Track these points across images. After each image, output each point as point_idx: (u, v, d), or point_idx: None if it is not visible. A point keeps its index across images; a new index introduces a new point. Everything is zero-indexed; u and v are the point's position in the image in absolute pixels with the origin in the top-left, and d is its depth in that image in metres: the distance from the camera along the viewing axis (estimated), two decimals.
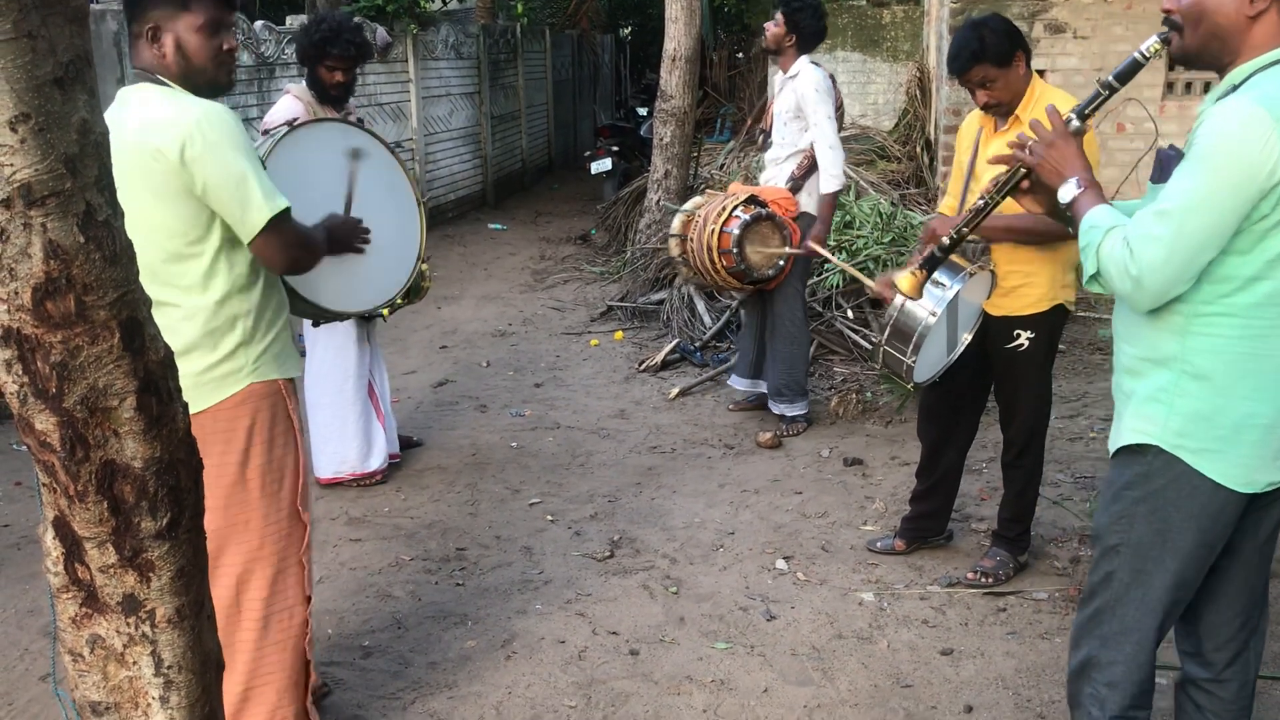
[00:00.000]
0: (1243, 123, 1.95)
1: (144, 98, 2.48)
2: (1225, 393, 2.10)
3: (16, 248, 1.79)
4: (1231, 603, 2.32)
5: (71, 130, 1.78)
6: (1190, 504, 2.16)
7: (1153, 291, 2.08)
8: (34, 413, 1.96)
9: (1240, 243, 2.02)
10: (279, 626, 2.74)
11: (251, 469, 2.64)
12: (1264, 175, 1.94)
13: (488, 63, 13.33)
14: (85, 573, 2.15)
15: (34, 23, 1.67)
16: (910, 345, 3.38)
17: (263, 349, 2.63)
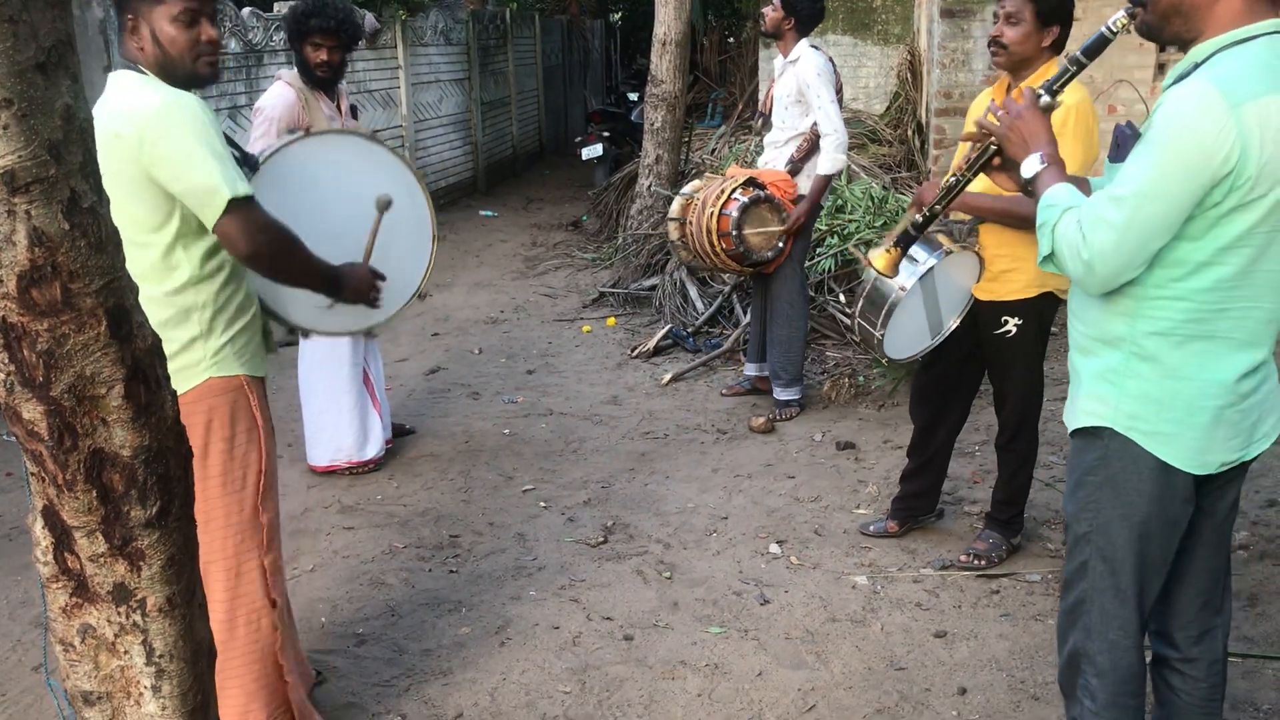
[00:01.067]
0: (1198, 109, 1.92)
1: (121, 85, 2.46)
2: (1174, 375, 2.10)
3: (1, 235, 1.77)
4: (1193, 582, 2.32)
5: (55, 116, 1.76)
6: (1150, 486, 2.16)
7: (1104, 276, 2.08)
8: (21, 401, 1.95)
9: (1192, 229, 2.00)
10: (243, 628, 2.68)
11: (211, 466, 2.58)
12: (1217, 162, 1.91)
13: (477, 49, 13.28)
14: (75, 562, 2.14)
15: (15, 7, 1.65)
16: (879, 317, 3.38)
17: (222, 343, 2.56)
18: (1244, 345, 2.08)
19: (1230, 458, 2.15)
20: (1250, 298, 2.04)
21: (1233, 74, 1.93)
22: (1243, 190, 1.94)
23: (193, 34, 2.47)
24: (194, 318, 2.53)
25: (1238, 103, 1.89)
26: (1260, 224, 1.97)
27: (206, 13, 2.50)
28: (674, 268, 7.31)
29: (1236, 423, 2.12)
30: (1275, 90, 1.92)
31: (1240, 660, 3.17)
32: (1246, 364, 2.09)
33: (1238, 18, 1.99)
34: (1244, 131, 1.89)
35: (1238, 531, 3.95)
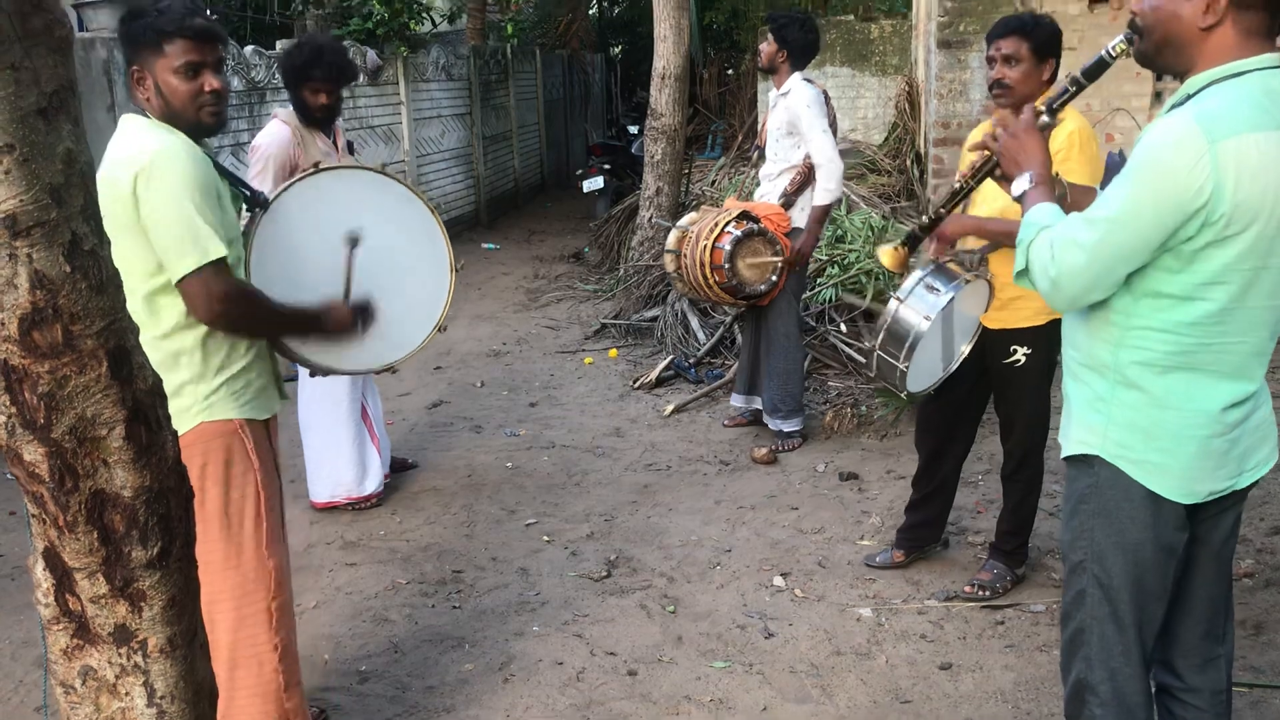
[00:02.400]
0: (1176, 142, 1.93)
1: (126, 129, 2.49)
2: (1160, 404, 2.10)
3: (2, 278, 1.79)
4: (1193, 610, 2.31)
5: (56, 160, 1.78)
6: (1141, 514, 2.16)
7: (1068, 295, 2.10)
8: (23, 443, 1.96)
9: (1170, 261, 2.01)
10: (247, 671, 2.64)
11: (208, 509, 2.55)
12: (1189, 196, 1.92)
13: (479, 84, 13.37)
14: (76, 604, 2.14)
15: (17, 55, 1.67)
16: (904, 350, 3.35)
17: (214, 387, 2.54)
18: (1229, 376, 2.08)
19: (1219, 486, 2.15)
20: (1234, 333, 2.05)
21: (1216, 110, 1.94)
22: (1217, 226, 1.94)
23: (195, 85, 2.48)
24: (183, 361, 2.51)
25: (1215, 139, 1.90)
26: (1239, 261, 1.98)
27: (209, 64, 2.51)
28: (675, 299, 7.32)
29: (1225, 452, 2.12)
30: (1257, 128, 1.92)
31: (1247, 690, 3.14)
32: (1232, 395, 2.09)
33: (1231, 52, 2.00)
34: (1219, 168, 1.90)
35: (1242, 560, 3.93)
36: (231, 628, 2.61)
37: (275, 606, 2.67)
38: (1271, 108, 1.95)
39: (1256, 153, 1.91)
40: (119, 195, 2.37)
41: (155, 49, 2.45)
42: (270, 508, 2.65)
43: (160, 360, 2.49)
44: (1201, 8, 1.98)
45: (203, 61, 2.48)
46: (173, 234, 2.37)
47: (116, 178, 2.38)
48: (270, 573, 2.65)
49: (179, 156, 2.39)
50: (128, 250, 2.42)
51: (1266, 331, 2.08)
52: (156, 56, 2.45)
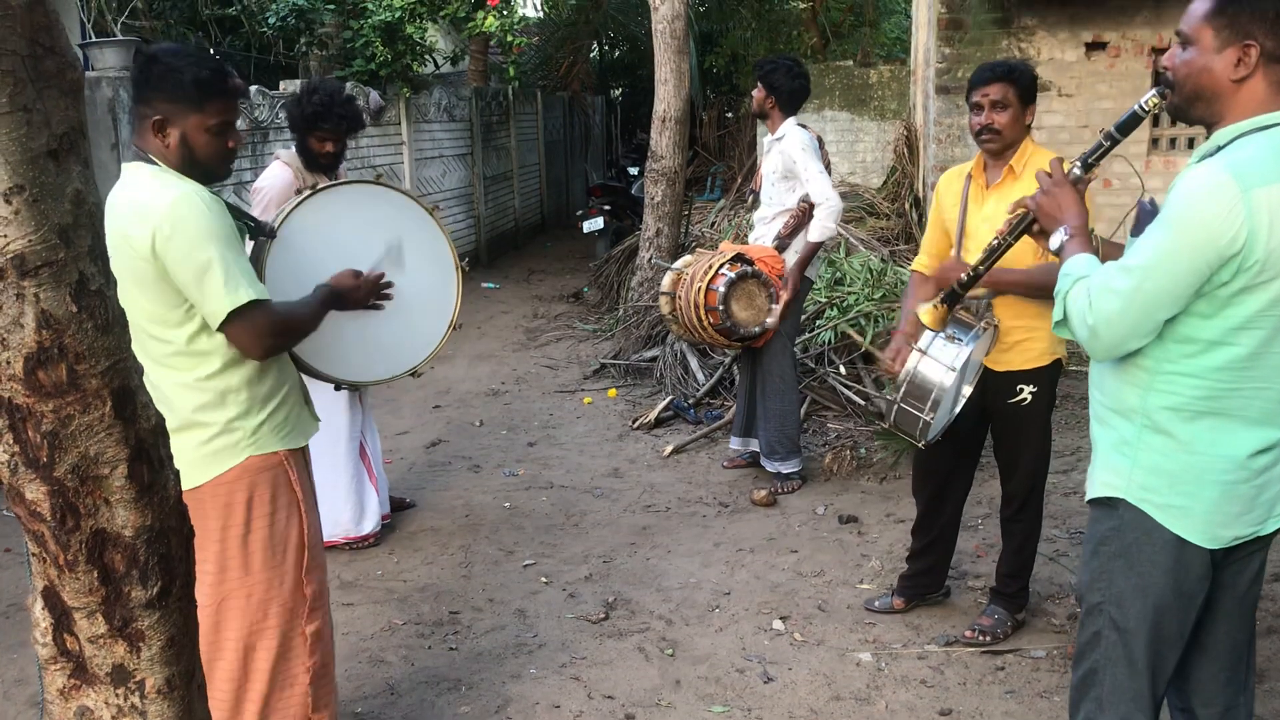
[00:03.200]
0: (1209, 190, 1.98)
1: (134, 179, 2.50)
2: (1187, 449, 2.12)
3: (9, 318, 1.79)
4: (1216, 658, 2.30)
5: (65, 201, 1.79)
6: (1163, 557, 2.17)
7: (1108, 343, 2.13)
8: (25, 482, 1.95)
9: (1203, 306, 2.05)
10: (279, 696, 2.71)
11: (253, 542, 2.61)
12: (1224, 242, 1.97)
13: (480, 124, 13.47)
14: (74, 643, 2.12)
15: (29, 96, 1.69)
16: (929, 402, 3.31)
17: (260, 421, 2.60)
18: (1257, 423, 2.11)
19: (1244, 532, 2.16)
20: (1263, 379, 2.08)
21: (1248, 159, 1.99)
22: (1251, 272, 1.98)
23: (223, 142, 2.54)
24: (230, 400, 2.56)
25: (1249, 187, 1.95)
26: (1271, 307, 2.02)
27: (234, 122, 2.57)
28: (674, 339, 7.34)
29: (1251, 498, 2.13)
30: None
31: None
32: (1260, 442, 2.11)
33: (1262, 105, 2.06)
34: (1253, 215, 1.95)
35: None
36: (273, 655, 2.66)
37: (311, 631, 2.71)
38: None
39: None
40: (137, 253, 2.39)
41: (193, 106, 2.47)
42: (312, 537, 2.71)
43: (208, 401, 2.53)
44: (1233, 61, 2.04)
45: (232, 120, 2.54)
46: (206, 283, 2.42)
47: (131, 235, 2.40)
48: (307, 599, 2.71)
49: (196, 205, 2.42)
50: (153, 302, 2.45)
51: None
52: (192, 112, 2.48)
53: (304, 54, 10.94)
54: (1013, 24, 8.10)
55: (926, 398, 3.29)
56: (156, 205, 2.40)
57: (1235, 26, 2.04)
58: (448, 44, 14.54)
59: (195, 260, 2.41)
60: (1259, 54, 2.03)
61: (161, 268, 2.42)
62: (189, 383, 2.53)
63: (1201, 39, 2.09)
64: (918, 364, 3.26)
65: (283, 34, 10.68)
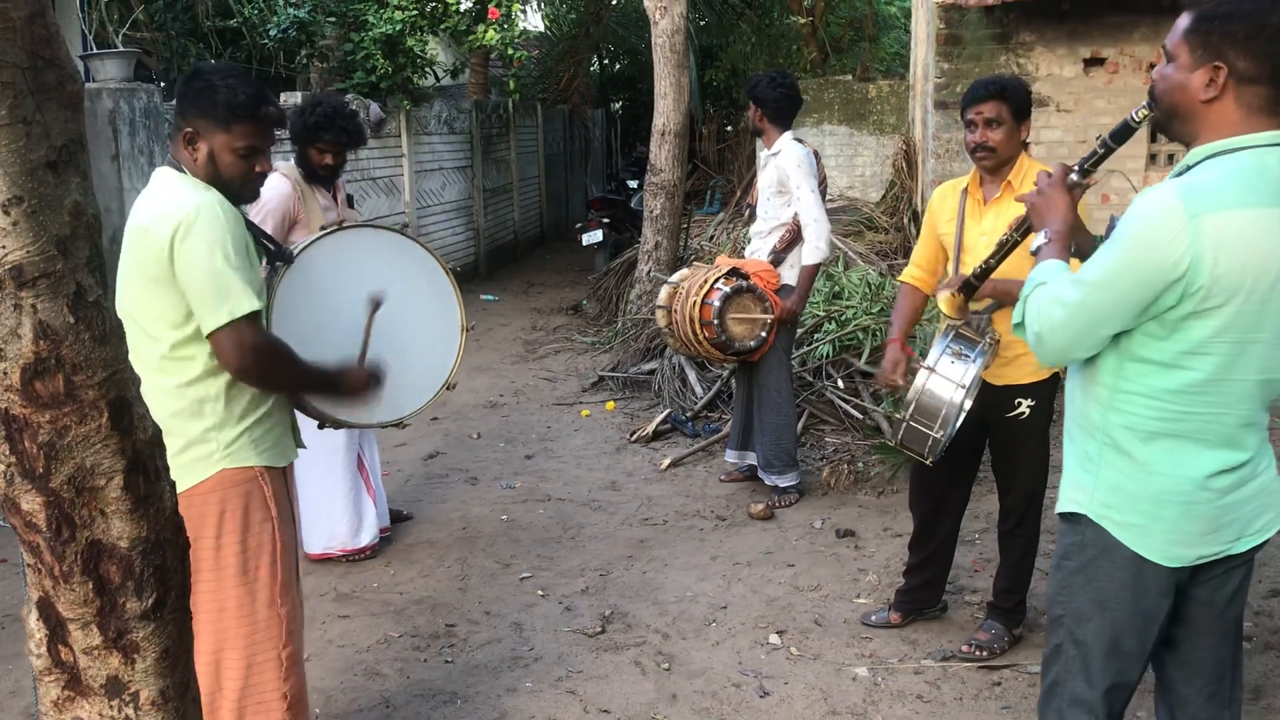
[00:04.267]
0: (1157, 212, 1.97)
1: (162, 182, 2.56)
2: (1145, 469, 2.12)
3: (6, 328, 1.80)
4: (1198, 674, 2.29)
5: (64, 212, 1.80)
6: (1123, 574, 2.18)
7: (1050, 349, 2.15)
8: (21, 493, 1.95)
9: (1155, 328, 2.05)
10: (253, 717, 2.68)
11: (224, 556, 2.59)
12: (1167, 267, 1.96)
13: (480, 137, 13.50)
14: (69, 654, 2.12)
15: (29, 109, 1.70)
16: (938, 420, 3.30)
17: (236, 434, 2.58)
18: (1217, 445, 2.10)
19: (1210, 551, 2.15)
20: (1221, 404, 2.07)
21: (1204, 184, 1.98)
22: (1196, 298, 1.97)
23: (248, 166, 2.56)
24: (207, 409, 2.55)
25: (1197, 213, 1.94)
26: (1221, 333, 2.00)
27: (265, 148, 2.58)
28: (672, 352, 7.34)
29: (1215, 518, 2.12)
30: (1242, 206, 1.96)
31: None
32: (1220, 463, 2.10)
33: (1234, 127, 2.04)
34: (1197, 241, 1.93)
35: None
36: (241, 675, 2.63)
37: (285, 655, 2.68)
38: (1260, 185, 1.98)
39: (1236, 230, 1.94)
40: (154, 248, 2.42)
41: (221, 125, 2.53)
42: (285, 555, 2.68)
43: (183, 408, 2.52)
44: (1204, 81, 2.03)
45: (262, 146, 2.55)
46: (208, 287, 2.44)
47: (152, 231, 2.44)
48: (281, 620, 2.67)
49: (218, 213, 2.45)
50: (157, 301, 2.47)
51: (1256, 404, 2.10)
52: (220, 131, 2.53)
53: (305, 66, 10.97)
54: (1011, 40, 8.13)
55: (936, 415, 3.28)
56: (179, 207, 2.44)
57: (1208, 46, 2.02)
58: (448, 57, 14.60)
59: (204, 263, 2.43)
60: (1228, 75, 2.00)
61: (172, 269, 2.44)
62: (168, 388, 2.53)
63: (1179, 56, 2.08)
64: (926, 382, 3.26)
65: (284, 46, 10.72)
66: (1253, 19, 1.97)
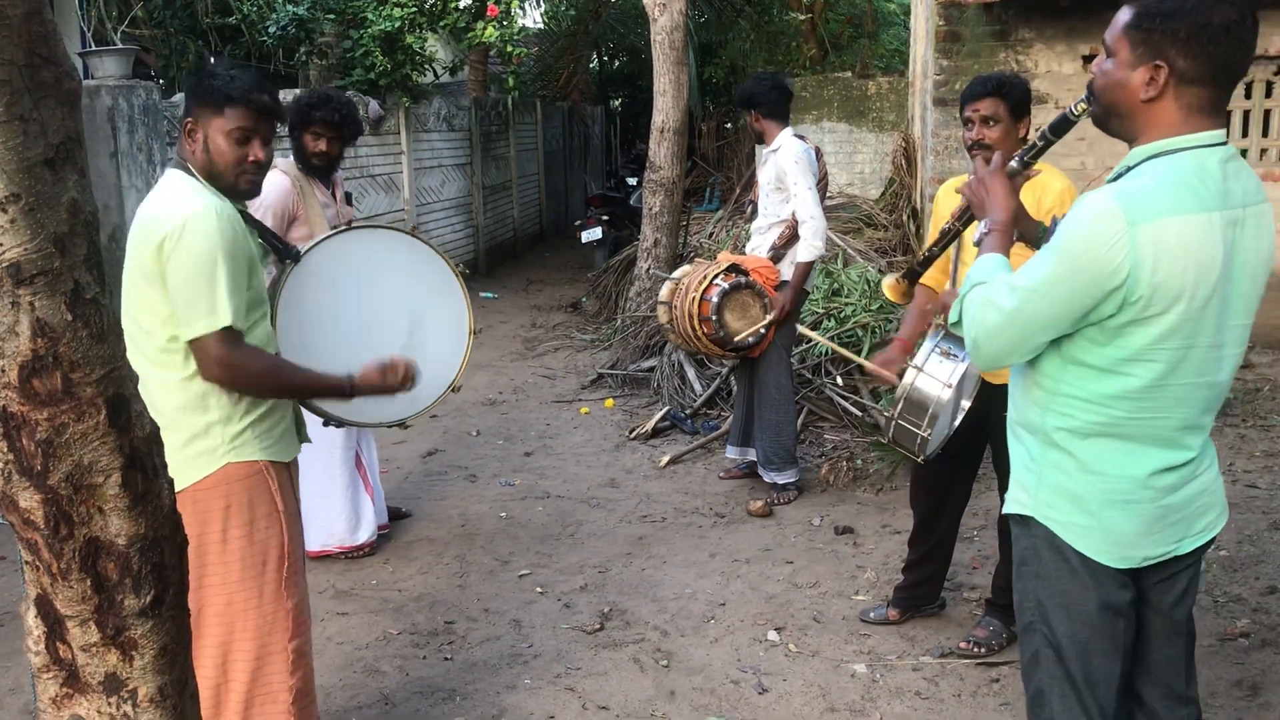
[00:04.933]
0: (1095, 220, 1.93)
1: (167, 184, 2.59)
2: (1085, 469, 2.10)
3: (4, 326, 1.80)
4: (1153, 672, 2.28)
5: (61, 210, 1.80)
6: (1080, 574, 2.15)
7: (986, 354, 2.14)
8: (18, 490, 1.96)
9: (1095, 334, 2.02)
10: (260, 711, 2.69)
11: (231, 550, 2.60)
12: (1105, 275, 1.93)
13: (479, 134, 13.50)
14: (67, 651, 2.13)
15: (26, 106, 1.70)
16: (925, 418, 3.33)
17: (241, 429, 2.59)
18: (1158, 445, 2.07)
19: (1154, 552, 2.13)
20: (1162, 409, 2.04)
21: (1142, 190, 1.94)
22: (1136, 306, 1.94)
23: (241, 152, 2.57)
24: (211, 403, 2.56)
25: (1135, 221, 1.90)
26: (1163, 340, 1.97)
27: (261, 134, 2.60)
28: (672, 349, 7.34)
29: (1158, 518, 2.10)
30: (1180, 211, 1.92)
31: None
32: (1161, 462, 2.08)
33: (1173, 127, 1.99)
34: (1136, 251, 1.90)
35: (1238, 620, 3.92)
36: (249, 668, 2.64)
37: (292, 648, 2.69)
38: (1200, 189, 1.95)
39: (1175, 237, 1.91)
40: (149, 247, 2.46)
41: (215, 109, 2.55)
42: (292, 549, 2.68)
43: (187, 402, 2.53)
44: (1144, 79, 1.98)
45: (255, 130, 2.56)
46: (188, 297, 2.46)
47: (149, 231, 2.49)
48: (289, 614, 2.68)
49: (210, 221, 2.45)
50: (155, 298, 2.49)
51: (1198, 407, 2.07)
52: (214, 116, 2.55)
53: (304, 63, 10.97)
54: (1010, 37, 8.13)
55: (924, 414, 3.30)
56: (175, 211, 2.46)
57: (1149, 44, 1.96)
58: (447, 54, 14.60)
59: (188, 272, 2.45)
60: (1168, 75, 1.95)
61: (164, 270, 2.46)
62: (173, 382, 2.54)
63: (1119, 52, 2.02)
64: (914, 380, 3.27)
65: (283, 43, 10.71)
66: (1195, 18, 1.92)
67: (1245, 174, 2.04)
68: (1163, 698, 2.29)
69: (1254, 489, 5.23)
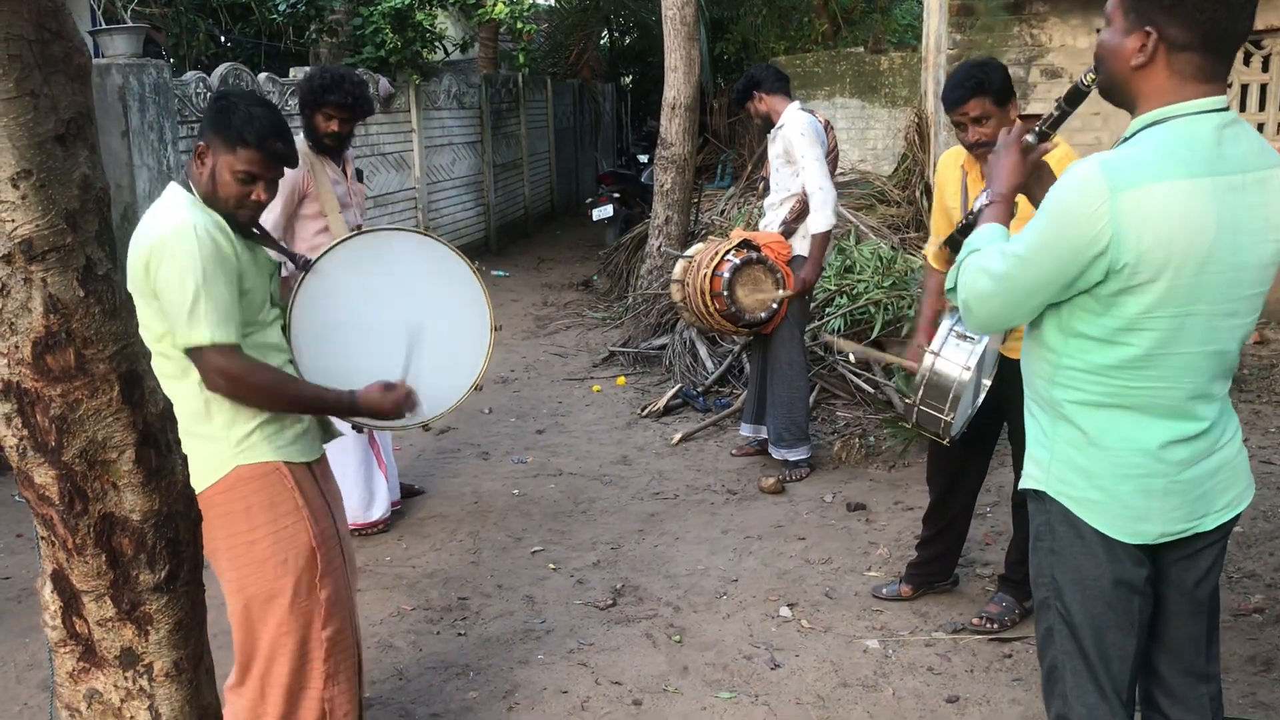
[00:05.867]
0: (1078, 187, 1.93)
1: (165, 198, 2.60)
2: (1095, 443, 2.09)
3: (17, 302, 1.80)
4: (1173, 650, 2.26)
5: (73, 186, 1.80)
6: (1095, 550, 2.13)
7: (978, 318, 2.16)
8: (33, 466, 1.97)
9: (1090, 303, 2.01)
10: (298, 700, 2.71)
11: (260, 549, 2.59)
12: (1087, 242, 1.92)
13: (490, 112, 13.46)
14: (83, 626, 2.14)
15: (36, 81, 1.70)
16: (947, 402, 3.31)
17: (247, 431, 2.57)
18: (1166, 416, 2.05)
19: (1172, 529, 2.10)
20: (1166, 378, 2.02)
21: (1128, 157, 1.93)
22: (1123, 275, 1.93)
23: (244, 190, 2.57)
24: (213, 409, 2.56)
25: (1118, 188, 1.88)
26: (1156, 308, 1.96)
27: (266, 179, 2.59)
28: (684, 327, 7.34)
29: (1177, 493, 2.08)
30: (1165, 178, 1.90)
31: None
32: (1171, 434, 2.06)
33: (1167, 94, 1.97)
34: (1118, 218, 1.89)
35: (1252, 595, 3.91)
36: (293, 656, 2.66)
37: (326, 636, 2.70)
38: (1188, 155, 1.93)
39: (1159, 204, 1.89)
40: (139, 265, 2.49)
41: (228, 145, 2.55)
42: (323, 544, 2.67)
43: (196, 409, 2.55)
44: (1136, 46, 1.97)
45: (262, 175, 2.56)
46: (178, 311, 2.46)
47: (139, 248, 2.50)
48: (321, 604, 2.68)
49: (188, 239, 2.44)
50: (149, 311, 2.50)
51: (1204, 376, 2.05)
52: (226, 151, 2.55)
53: (314, 41, 10.94)
54: (1024, 10, 8.06)
55: (945, 397, 3.28)
56: (163, 225, 2.47)
57: (1139, 11, 1.95)
58: (457, 31, 14.53)
59: (173, 286, 2.44)
60: (1158, 41, 1.94)
61: (154, 287, 2.47)
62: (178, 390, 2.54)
63: (1114, 21, 2.02)
64: (933, 365, 3.25)
65: (293, 21, 10.69)
66: None
67: (1247, 139, 2.00)
68: (1182, 674, 2.27)
69: (1269, 465, 5.21)
